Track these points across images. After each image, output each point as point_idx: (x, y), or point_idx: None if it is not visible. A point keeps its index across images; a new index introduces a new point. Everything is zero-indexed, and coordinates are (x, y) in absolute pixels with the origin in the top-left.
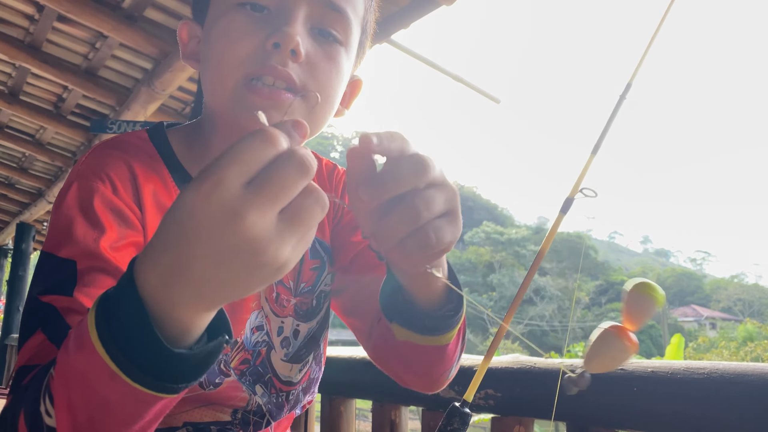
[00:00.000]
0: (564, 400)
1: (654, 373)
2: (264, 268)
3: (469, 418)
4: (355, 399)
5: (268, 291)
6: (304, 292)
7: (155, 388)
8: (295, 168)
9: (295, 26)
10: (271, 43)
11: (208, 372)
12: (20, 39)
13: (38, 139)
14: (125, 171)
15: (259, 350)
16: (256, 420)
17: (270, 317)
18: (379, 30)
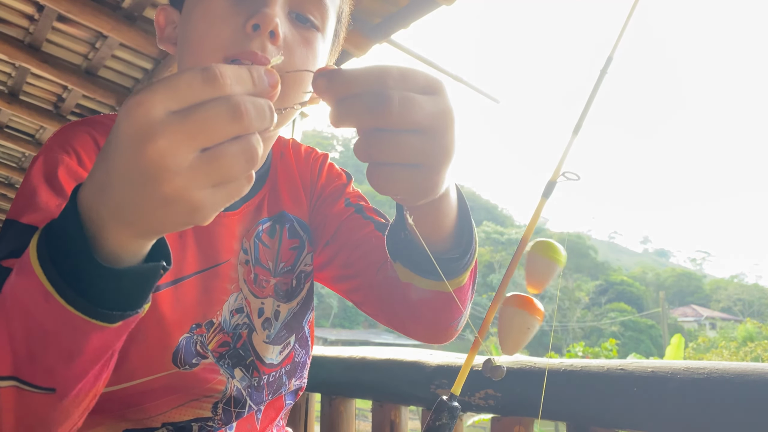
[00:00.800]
0: (564, 400)
1: (654, 373)
2: (175, 204)
3: (457, 412)
4: (355, 399)
5: (246, 272)
6: (284, 272)
7: (89, 312)
8: (227, 111)
9: (274, 7)
10: (251, 25)
11: (185, 351)
12: (20, 39)
13: (38, 139)
14: (91, 144)
15: (239, 333)
16: (237, 411)
17: (249, 299)
18: (379, 30)
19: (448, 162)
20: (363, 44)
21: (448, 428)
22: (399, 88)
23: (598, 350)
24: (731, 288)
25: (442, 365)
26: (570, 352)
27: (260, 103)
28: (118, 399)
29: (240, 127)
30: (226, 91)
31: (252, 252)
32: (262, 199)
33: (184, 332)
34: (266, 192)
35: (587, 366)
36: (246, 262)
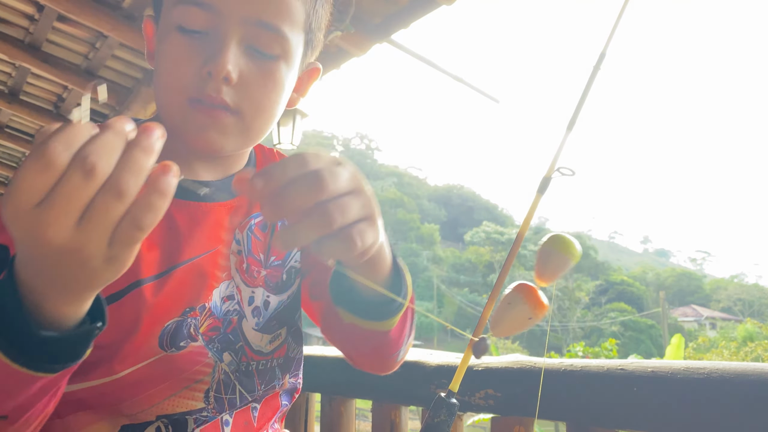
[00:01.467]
0: (564, 400)
1: (654, 373)
2: (84, 266)
3: (455, 409)
4: (355, 399)
5: (239, 262)
6: (274, 266)
7: (32, 367)
8: (80, 178)
9: (226, 55)
10: (206, 71)
11: (171, 335)
12: (20, 39)
13: None
14: None
15: (230, 318)
16: (229, 398)
17: (241, 287)
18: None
19: (379, 208)
20: (363, 44)
21: (447, 425)
22: (319, 163)
23: (598, 350)
24: (731, 288)
25: (442, 365)
26: (570, 352)
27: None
28: (110, 392)
29: (96, 182)
30: (62, 168)
31: (245, 243)
32: None
33: (175, 316)
34: None
35: (587, 366)
36: (239, 252)
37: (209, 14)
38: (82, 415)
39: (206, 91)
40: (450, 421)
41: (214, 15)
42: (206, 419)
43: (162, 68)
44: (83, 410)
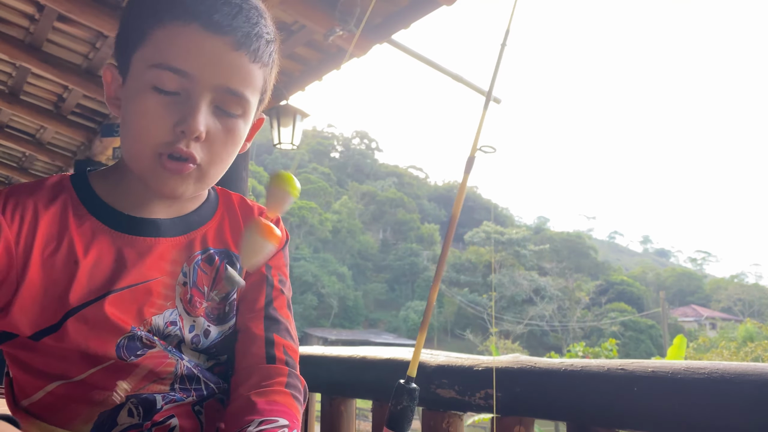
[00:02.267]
0: (564, 400)
1: (654, 373)
2: None
3: (416, 393)
4: (355, 399)
5: (183, 293)
6: (214, 299)
7: None
8: None
9: (198, 116)
10: (179, 130)
11: (125, 348)
12: (20, 39)
13: (38, 138)
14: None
15: (171, 341)
16: (195, 388)
17: (183, 316)
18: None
19: None
20: (363, 44)
21: (410, 410)
22: None
23: (598, 350)
24: (731, 288)
25: (442, 365)
26: (570, 352)
27: None
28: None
29: None
30: None
31: (190, 275)
32: (204, 233)
33: (125, 333)
34: (210, 228)
35: (587, 366)
36: (184, 283)
37: (183, 79)
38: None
39: (177, 146)
40: (413, 406)
41: (187, 80)
42: (175, 399)
43: (134, 121)
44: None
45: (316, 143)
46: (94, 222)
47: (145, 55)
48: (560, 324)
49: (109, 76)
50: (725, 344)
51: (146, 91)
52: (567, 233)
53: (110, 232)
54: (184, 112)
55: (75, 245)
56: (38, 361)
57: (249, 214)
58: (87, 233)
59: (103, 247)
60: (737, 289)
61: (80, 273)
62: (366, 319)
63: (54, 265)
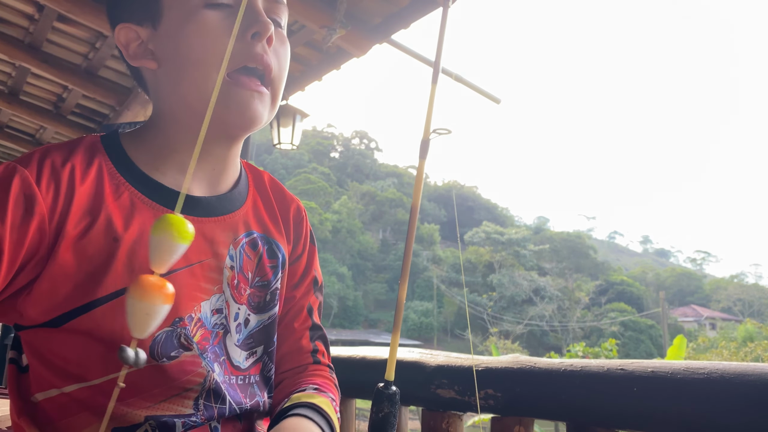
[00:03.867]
0: (564, 400)
1: (654, 373)
2: None
3: (396, 397)
4: (354, 399)
5: (231, 278)
6: (258, 286)
7: None
8: None
9: (265, 16)
10: (251, 33)
11: (162, 345)
12: (20, 39)
13: (38, 139)
14: (64, 170)
15: (216, 332)
16: (219, 407)
17: (229, 302)
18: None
19: None
20: (363, 44)
21: (392, 416)
22: None
23: (598, 350)
24: (731, 288)
25: (442, 365)
26: (570, 352)
27: None
28: (99, 395)
29: None
30: None
31: (237, 259)
32: (245, 213)
33: (165, 326)
34: (249, 209)
35: (587, 366)
36: (232, 267)
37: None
38: (73, 419)
39: (254, 51)
40: (394, 411)
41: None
42: (194, 424)
43: (194, 46)
44: (75, 413)
45: (316, 143)
46: (133, 192)
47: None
48: (560, 324)
49: (123, 37)
50: (725, 344)
51: (198, 10)
52: (567, 233)
53: (151, 205)
54: (249, 16)
55: (113, 219)
56: (57, 355)
57: (281, 197)
58: (125, 205)
59: (145, 222)
60: (737, 289)
61: (120, 252)
62: (366, 319)
63: (90, 241)
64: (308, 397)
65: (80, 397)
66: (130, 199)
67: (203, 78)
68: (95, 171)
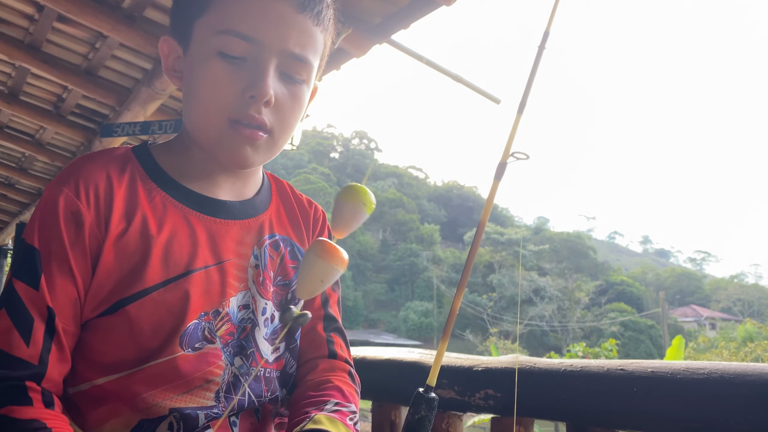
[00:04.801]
0: (564, 401)
1: (654, 374)
2: None
3: (434, 403)
4: None
5: (256, 275)
6: (281, 284)
7: None
8: None
9: (267, 81)
10: (249, 95)
11: (190, 336)
12: (20, 39)
13: (38, 139)
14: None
15: (244, 326)
16: (239, 398)
17: (256, 298)
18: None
19: None
20: (363, 44)
21: (428, 420)
22: None
23: (598, 350)
24: (731, 288)
25: (443, 365)
26: (570, 352)
27: None
28: (128, 386)
29: None
30: None
31: (261, 258)
32: (269, 217)
33: (194, 318)
34: (271, 214)
35: (587, 366)
36: (256, 266)
37: (250, 45)
38: (102, 410)
39: (248, 112)
40: (431, 416)
41: (254, 46)
42: (217, 415)
43: (201, 89)
44: (105, 405)
45: (316, 143)
46: (164, 196)
47: (210, 22)
48: (560, 324)
49: (167, 48)
50: (725, 344)
51: (212, 58)
52: (567, 233)
53: (181, 207)
54: (253, 77)
55: (148, 220)
56: (93, 349)
57: (301, 203)
58: (158, 207)
59: (176, 222)
60: (737, 290)
61: (155, 249)
62: (366, 319)
63: (129, 241)
64: (331, 423)
65: (112, 389)
66: (162, 202)
67: (205, 118)
68: (128, 177)
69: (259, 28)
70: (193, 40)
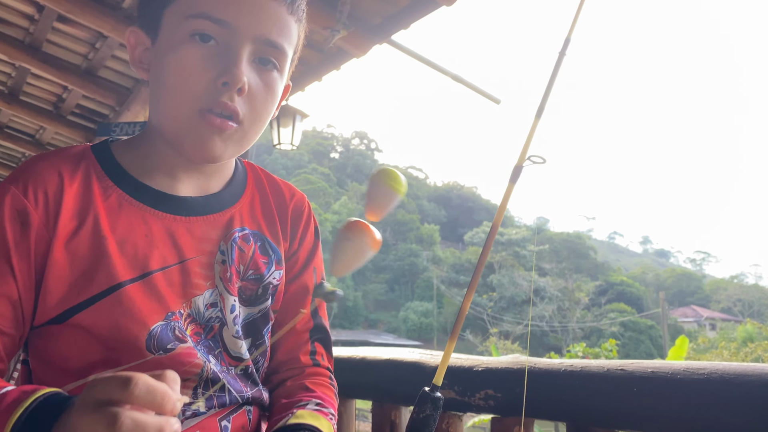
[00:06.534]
0: (564, 401)
1: (654, 374)
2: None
3: (440, 402)
4: (355, 399)
5: (222, 271)
6: (251, 279)
7: None
8: None
9: (240, 66)
10: (221, 82)
11: (158, 338)
12: (20, 39)
13: (38, 139)
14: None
15: (212, 325)
16: (218, 395)
17: (224, 295)
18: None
19: None
20: (363, 44)
21: (432, 419)
22: None
23: (598, 350)
24: (731, 288)
25: None
26: (570, 352)
27: None
28: None
29: None
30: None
31: (228, 254)
32: (239, 210)
33: (159, 320)
34: (243, 207)
35: (587, 366)
36: (223, 261)
37: (223, 29)
38: None
39: (220, 99)
40: (435, 415)
41: (227, 30)
42: (197, 413)
43: (171, 76)
44: None
45: (316, 144)
46: (120, 194)
47: (181, 8)
48: (560, 324)
49: (133, 40)
50: (725, 345)
51: (183, 44)
52: (567, 234)
53: (138, 206)
54: (225, 63)
55: (100, 220)
56: (57, 354)
57: (279, 195)
58: (113, 206)
59: (132, 221)
60: (737, 290)
61: (110, 249)
62: (365, 319)
63: (80, 241)
64: (313, 418)
65: None
66: (118, 201)
67: (175, 108)
68: (82, 175)
69: (232, 13)
70: (163, 29)
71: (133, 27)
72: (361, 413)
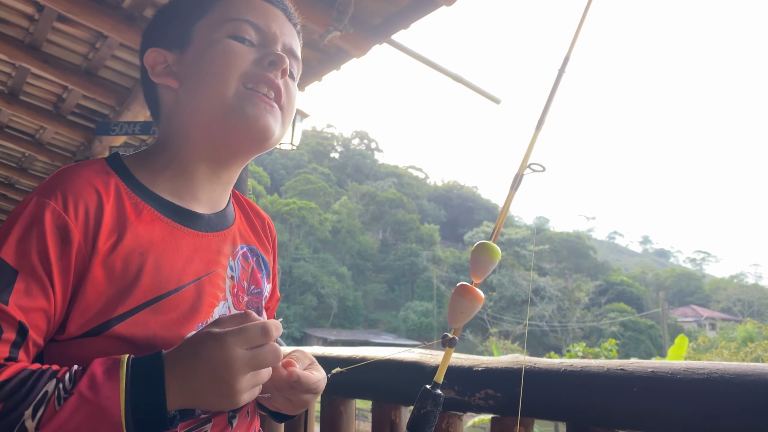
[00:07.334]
0: (564, 400)
1: (654, 374)
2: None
3: (440, 399)
4: (355, 399)
5: (232, 286)
6: (254, 293)
7: None
8: (273, 355)
9: (282, 52)
10: (268, 60)
11: None
12: (20, 39)
13: (38, 139)
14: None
15: None
16: None
17: (231, 309)
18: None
19: None
20: (363, 44)
21: (433, 415)
22: None
23: (598, 350)
24: (731, 288)
25: None
26: (570, 352)
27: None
28: None
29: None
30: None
31: (236, 269)
32: (238, 227)
33: (192, 331)
34: (238, 224)
35: (587, 366)
36: (232, 277)
37: (258, 34)
38: None
39: (267, 76)
40: (436, 411)
41: (262, 36)
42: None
43: (217, 61)
44: None
45: (316, 143)
46: (150, 210)
47: (215, 18)
48: (560, 324)
49: (152, 58)
50: (725, 344)
51: (223, 39)
52: (566, 233)
53: (167, 222)
54: (269, 49)
55: (139, 235)
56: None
57: (256, 213)
58: (146, 222)
59: (165, 236)
60: (737, 290)
61: (147, 265)
62: (365, 319)
63: (118, 257)
64: None
65: None
66: (149, 216)
67: (222, 87)
68: (114, 191)
69: (267, 22)
70: (195, 39)
71: (153, 48)
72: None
